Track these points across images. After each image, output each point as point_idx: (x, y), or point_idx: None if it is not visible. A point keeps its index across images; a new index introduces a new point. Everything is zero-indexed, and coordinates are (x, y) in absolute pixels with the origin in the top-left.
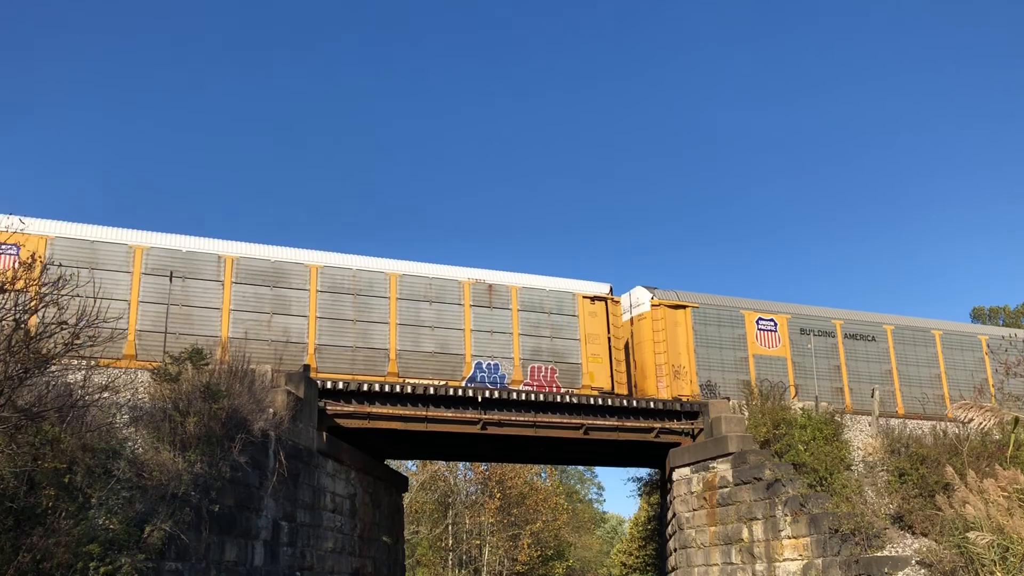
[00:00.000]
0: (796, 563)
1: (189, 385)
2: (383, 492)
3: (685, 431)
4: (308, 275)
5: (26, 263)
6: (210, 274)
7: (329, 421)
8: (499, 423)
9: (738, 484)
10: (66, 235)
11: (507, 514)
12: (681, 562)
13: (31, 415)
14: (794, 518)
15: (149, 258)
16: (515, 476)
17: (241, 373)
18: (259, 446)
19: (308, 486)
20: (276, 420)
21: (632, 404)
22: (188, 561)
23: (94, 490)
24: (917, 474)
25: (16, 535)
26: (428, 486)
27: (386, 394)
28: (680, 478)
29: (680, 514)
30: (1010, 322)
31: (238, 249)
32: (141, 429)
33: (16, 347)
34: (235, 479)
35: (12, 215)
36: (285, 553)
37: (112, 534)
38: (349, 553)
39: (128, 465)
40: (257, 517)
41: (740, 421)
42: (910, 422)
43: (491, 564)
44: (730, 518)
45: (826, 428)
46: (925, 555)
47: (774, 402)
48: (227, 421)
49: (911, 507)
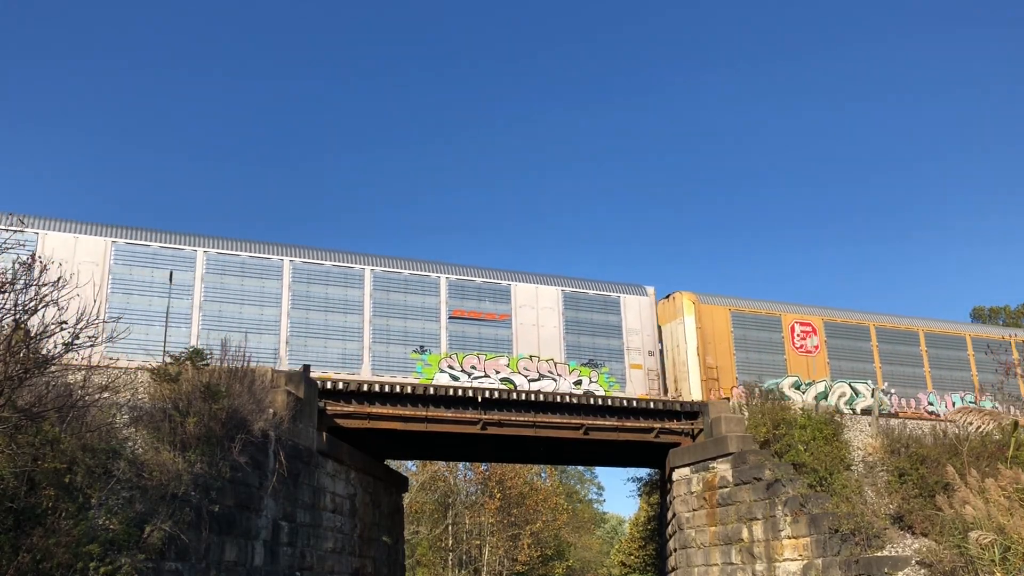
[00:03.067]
0: (796, 563)
1: (189, 385)
2: (383, 492)
3: (685, 431)
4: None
5: (26, 263)
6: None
7: (329, 421)
8: (499, 423)
9: (738, 484)
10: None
11: (507, 514)
12: (681, 562)
13: (31, 415)
14: (794, 518)
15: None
16: (515, 476)
17: (241, 373)
18: (259, 446)
19: (308, 486)
20: (276, 420)
21: (632, 404)
22: (188, 561)
23: (94, 490)
24: (917, 474)
25: (16, 535)
26: (428, 486)
27: (386, 394)
28: (680, 478)
29: (680, 514)
30: (1010, 322)
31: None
32: (141, 429)
33: (16, 347)
34: (235, 479)
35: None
36: (285, 553)
37: (112, 534)
38: (349, 553)
39: (128, 465)
40: (257, 517)
41: (740, 421)
42: (910, 422)
43: (491, 564)
44: (730, 518)
45: (826, 428)
46: (925, 555)
47: (774, 402)
48: (227, 421)
49: (911, 507)
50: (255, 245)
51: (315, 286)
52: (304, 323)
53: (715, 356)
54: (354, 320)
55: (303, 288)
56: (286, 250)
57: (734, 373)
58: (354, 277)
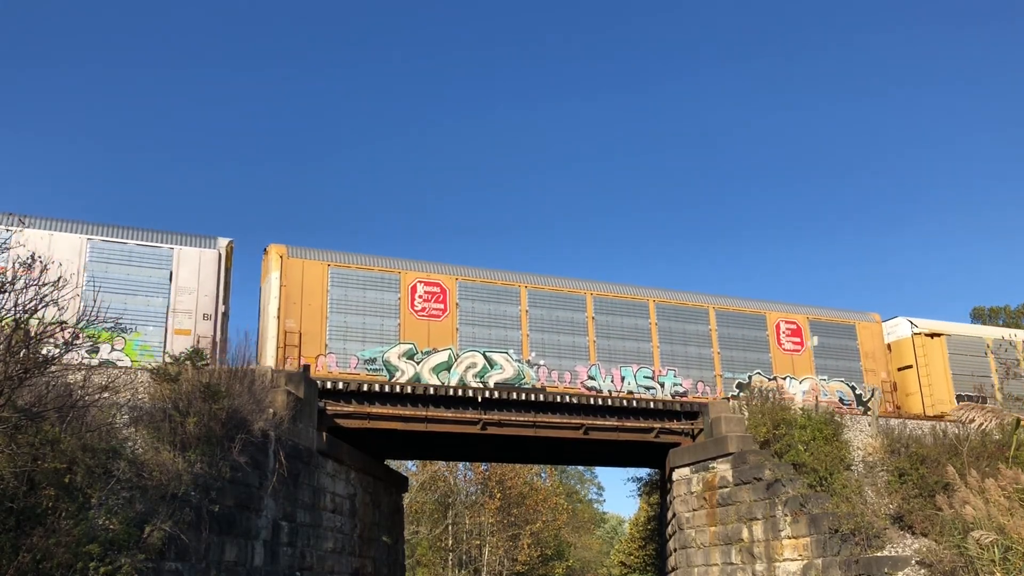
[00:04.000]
0: (796, 563)
1: (189, 385)
2: (383, 492)
3: (685, 431)
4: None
5: (26, 262)
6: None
7: (329, 421)
8: (499, 423)
9: (738, 484)
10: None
11: (507, 514)
12: (681, 562)
13: (31, 415)
14: (794, 518)
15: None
16: (515, 476)
17: (241, 373)
18: (259, 446)
19: (308, 486)
20: (276, 420)
21: (632, 404)
22: (188, 561)
23: (94, 490)
24: (917, 474)
25: (16, 535)
26: (428, 486)
27: (386, 394)
28: (680, 478)
29: (680, 514)
30: (1010, 322)
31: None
32: (141, 429)
33: (16, 347)
34: (235, 479)
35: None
36: (285, 553)
37: (112, 534)
38: (349, 553)
39: (128, 465)
40: (257, 517)
41: (740, 421)
42: (910, 422)
43: (491, 564)
44: (730, 518)
45: (826, 428)
46: (925, 555)
47: (774, 402)
48: (227, 421)
49: (911, 507)
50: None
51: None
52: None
53: (300, 319)
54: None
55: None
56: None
57: (324, 339)
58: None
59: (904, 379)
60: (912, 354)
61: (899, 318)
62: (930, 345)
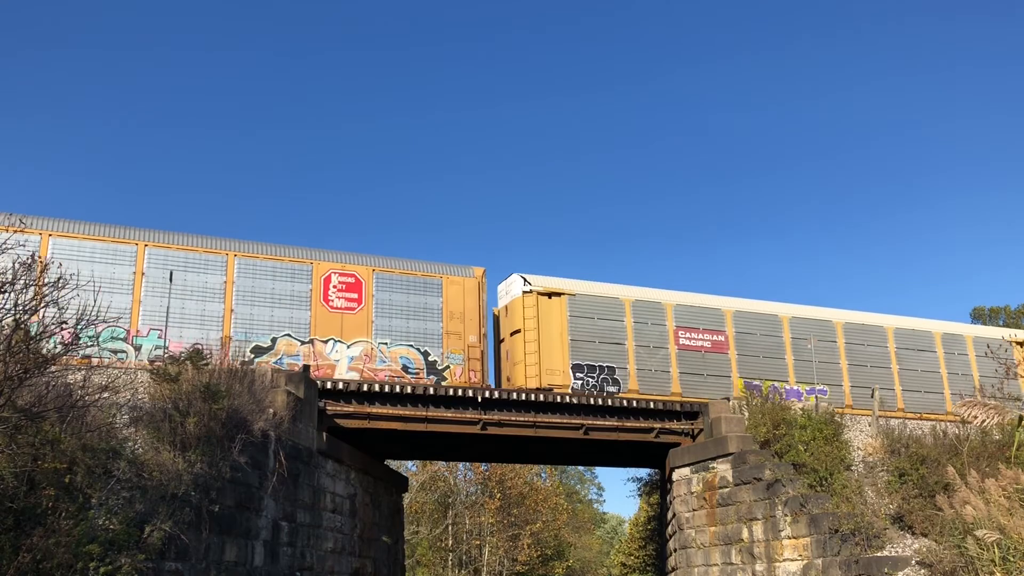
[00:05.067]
0: (796, 563)
1: (189, 385)
2: (383, 492)
3: (685, 431)
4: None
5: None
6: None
7: (329, 421)
8: (499, 423)
9: (738, 484)
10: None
11: (507, 514)
12: (681, 562)
13: (31, 415)
14: (794, 518)
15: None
16: (515, 476)
17: (241, 373)
18: (259, 446)
19: (308, 486)
20: (276, 420)
21: (632, 404)
22: (188, 561)
23: (94, 490)
24: (917, 474)
25: (16, 535)
26: (428, 486)
27: (386, 394)
28: (680, 478)
29: (680, 514)
30: (1010, 322)
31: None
32: (141, 429)
33: (16, 347)
34: (235, 479)
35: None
36: (285, 553)
37: (112, 534)
38: (349, 553)
39: (128, 465)
40: (257, 517)
41: (740, 421)
42: (910, 422)
43: (491, 564)
44: (730, 518)
45: (826, 428)
46: (925, 555)
47: (774, 402)
48: (227, 421)
49: (911, 507)
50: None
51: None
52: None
53: None
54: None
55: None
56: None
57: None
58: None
59: (514, 345)
60: (521, 316)
61: (514, 275)
62: (546, 306)
